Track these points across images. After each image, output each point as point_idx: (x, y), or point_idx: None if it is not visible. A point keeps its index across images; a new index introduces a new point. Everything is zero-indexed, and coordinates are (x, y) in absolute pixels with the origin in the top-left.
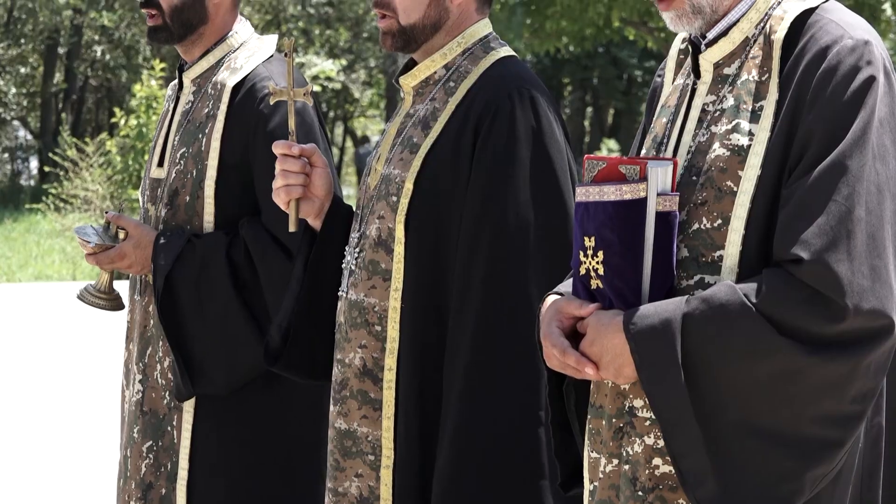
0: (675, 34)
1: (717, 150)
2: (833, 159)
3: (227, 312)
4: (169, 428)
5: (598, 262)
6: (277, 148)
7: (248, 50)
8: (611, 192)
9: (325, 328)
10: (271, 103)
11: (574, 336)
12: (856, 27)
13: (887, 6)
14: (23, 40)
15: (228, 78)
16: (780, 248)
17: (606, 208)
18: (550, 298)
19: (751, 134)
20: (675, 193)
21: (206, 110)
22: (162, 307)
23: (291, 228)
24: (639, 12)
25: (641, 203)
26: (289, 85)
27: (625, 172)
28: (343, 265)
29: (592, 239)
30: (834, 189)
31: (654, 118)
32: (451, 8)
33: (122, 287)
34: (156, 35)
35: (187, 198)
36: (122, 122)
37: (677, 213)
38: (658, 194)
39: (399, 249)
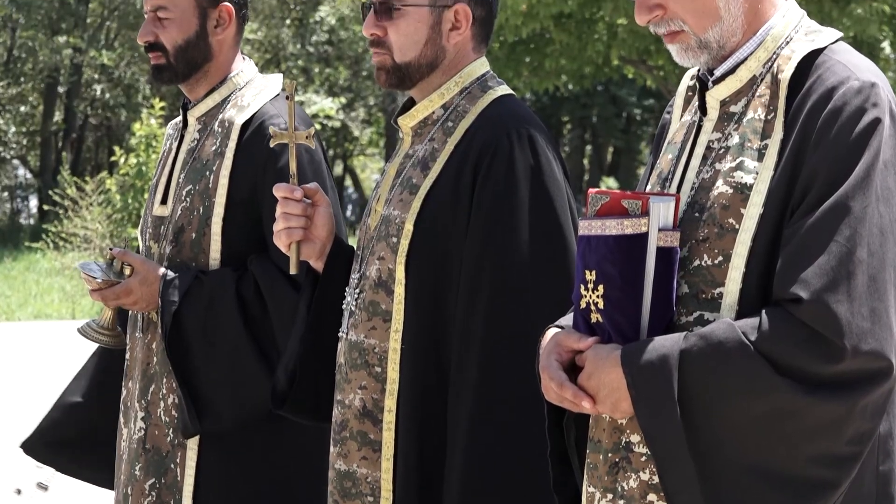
0: (675, 73)
1: (721, 187)
2: (836, 200)
3: (236, 348)
4: (172, 465)
5: (598, 296)
6: (279, 191)
7: (255, 88)
8: (612, 227)
9: (329, 369)
10: (272, 145)
11: (573, 369)
12: (863, 69)
13: (886, 45)
14: (23, 79)
15: (236, 116)
16: (780, 287)
17: (608, 242)
18: (550, 331)
19: (754, 172)
20: (677, 229)
21: (214, 148)
22: (170, 344)
23: (292, 271)
24: (638, 51)
25: (642, 238)
26: (290, 127)
27: (627, 207)
28: (343, 306)
29: (593, 273)
30: (836, 230)
31: (661, 154)
32: (448, 47)
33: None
34: (160, 75)
35: (193, 235)
36: (122, 160)
37: (678, 248)
38: (659, 230)
39: (399, 290)
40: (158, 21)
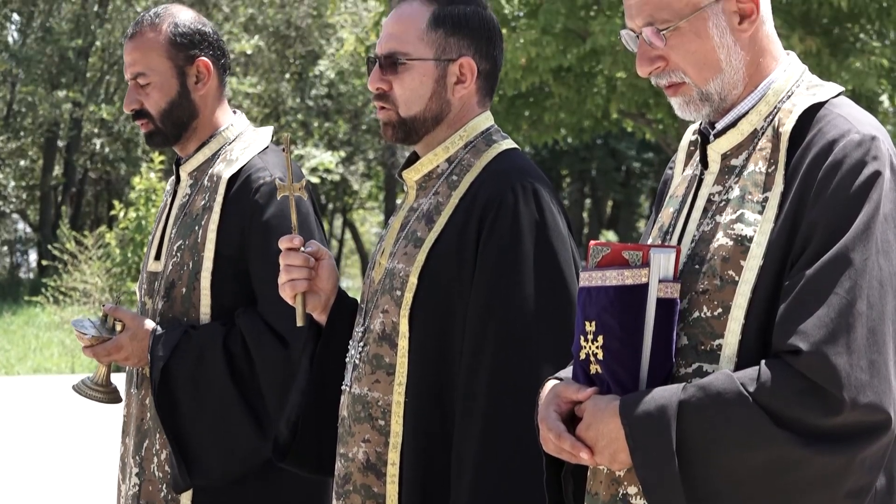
0: (674, 126)
1: (721, 239)
2: (836, 252)
3: (224, 403)
4: None
5: (597, 347)
6: (282, 243)
7: (244, 142)
8: (613, 277)
9: (331, 422)
10: (278, 197)
11: (572, 421)
12: (864, 122)
13: (884, 98)
14: (22, 133)
15: (224, 170)
16: (780, 338)
17: (608, 293)
18: (550, 383)
19: (755, 225)
20: (677, 281)
21: (203, 202)
22: (159, 399)
23: (299, 323)
24: (637, 104)
25: (643, 289)
26: (288, 179)
27: (628, 258)
28: (347, 359)
29: (593, 323)
30: (836, 282)
31: (663, 208)
32: (453, 101)
33: (118, 380)
34: (152, 140)
35: (184, 290)
36: (122, 214)
37: (678, 300)
38: (660, 281)
39: (403, 344)
40: (140, 88)
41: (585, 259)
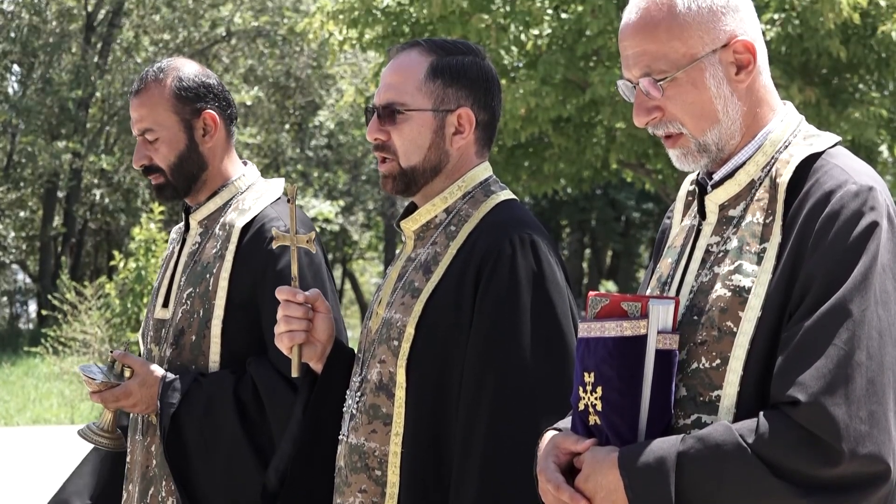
0: (673, 176)
1: (719, 290)
2: (834, 303)
3: (234, 451)
4: None
5: (596, 398)
6: (281, 294)
7: (256, 192)
8: (611, 328)
9: (323, 472)
10: (273, 247)
11: (571, 472)
12: (861, 173)
13: (883, 148)
14: (22, 184)
15: (237, 219)
16: (778, 389)
17: (607, 344)
18: (549, 434)
19: (753, 276)
20: (676, 332)
21: (214, 250)
22: (168, 446)
23: (294, 374)
24: (636, 154)
25: (641, 340)
26: (291, 230)
27: (626, 309)
28: (344, 409)
29: (592, 375)
30: (835, 333)
31: (661, 258)
32: (452, 151)
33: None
34: (162, 193)
35: (193, 337)
36: (121, 265)
37: (677, 351)
38: (659, 332)
39: (400, 394)
40: (148, 143)
41: (584, 310)
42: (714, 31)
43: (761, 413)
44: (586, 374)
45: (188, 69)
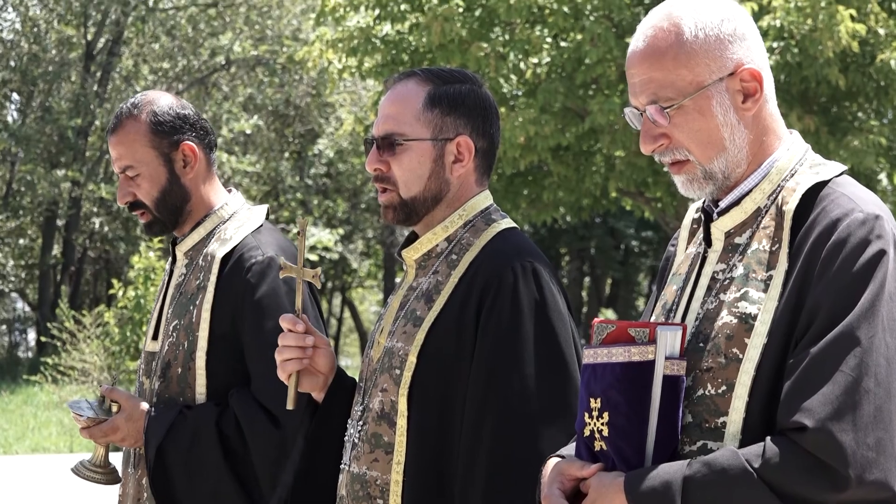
0: (673, 204)
1: (725, 317)
2: (842, 330)
3: (218, 484)
4: None
5: (602, 424)
6: (283, 321)
7: (238, 220)
8: (619, 354)
9: (324, 500)
10: (280, 277)
11: (576, 497)
12: (867, 201)
13: (882, 177)
14: (21, 212)
15: (218, 249)
16: (784, 416)
17: (614, 369)
18: (552, 460)
19: (759, 303)
20: (683, 358)
21: (197, 282)
22: (154, 479)
23: (289, 406)
24: (635, 182)
25: (649, 365)
26: (299, 262)
27: (634, 335)
28: (346, 438)
29: (598, 400)
30: (842, 359)
31: (665, 285)
32: (452, 180)
33: (116, 459)
34: (151, 229)
35: (179, 369)
36: (120, 293)
37: (684, 377)
38: (666, 358)
39: (402, 423)
40: (130, 180)
41: (587, 337)
42: (721, 59)
43: (767, 438)
44: (592, 400)
45: (162, 102)
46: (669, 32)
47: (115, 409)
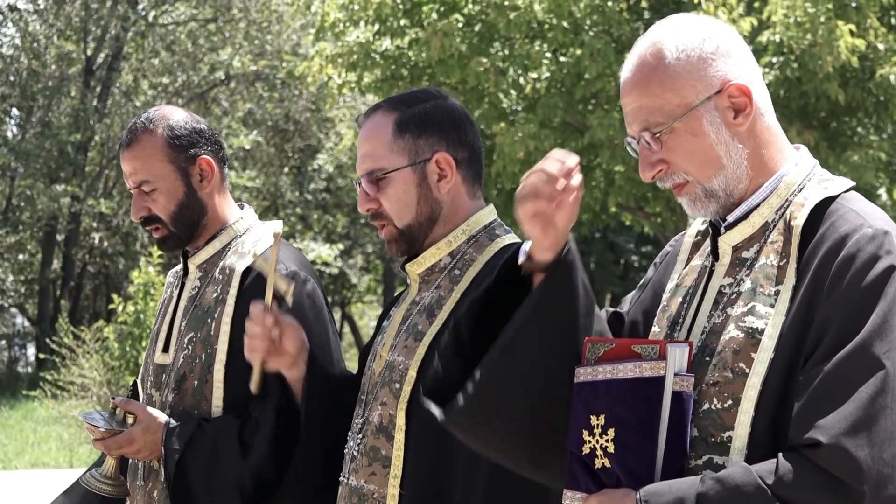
0: (672, 219)
1: (732, 331)
2: (854, 347)
3: (240, 496)
4: None
5: (607, 441)
6: (254, 310)
7: (255, 235)
8: (628, 370)
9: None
10: (254, 266)
11: None
12: (876, 217)
13: (882, 191)
14: (21, 227)
15: (237, 262)
16: (797, 432)
17: (622, 385)
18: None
19: (766, 318)
20: (690, 374)
21: (215, 294)
22: (174, 492)
23: (252, 388)
24: (635, 197)
25: (660, 381)
26: (271, 263)
27: (640, 352)
28: (345, 450)
29: (602, 417)
30: (856, 376)
31: (670, 297)
32: (442, 198)
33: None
34: (165, 244)
35: (195, 382)
36: (120, 308)
37: (692, 393)
38: (675, 374)
39: (399, 437)
40: (145, 195)
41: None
42: (706, 78)
43: (780, 455)
44: (594, 418)
45: (177, 116)
46: (653, 58)
47: (130, 420)
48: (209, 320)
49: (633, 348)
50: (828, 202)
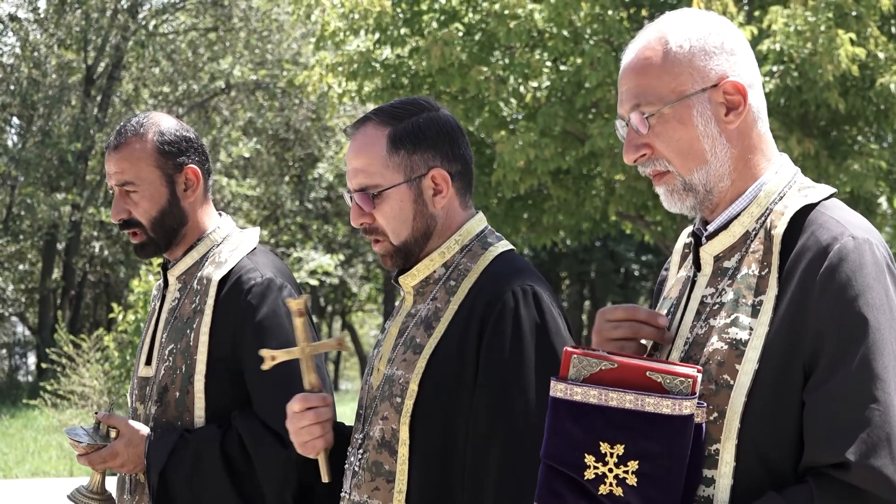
0: (673, 228)
1: (715, 343)
2: (857, 364)
3: None
4: None
5: (625, 472)
6: (297, 403)
7: (232, 243)
8: (664, 406)
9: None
10: (282, 360)
11: None
12: (856, 225)
13: (882, 200)
14: (21, 236)
15: (214, 272)
16: (818, 454)
17: (652, 420)
18: None
19: (749, 328)
20: (703, 403)
21: (193, 305)
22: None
23: (326, 479)
24: (635, 206)
25: (690, 420)
26: (300, 342)
27: (662, 382)
28: (346, 466)
29: (621, 447)
30: (863, 392)
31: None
32: (437, 213)
33: (110, 486)
34: (143, 251)
35: (177, 394)
36: (120, 317)
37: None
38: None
39: (403, 451)
40: (127, 196)
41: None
42: (704, 70)
43: (810, 479)
44: (603, 444)
45: (168, 123)
46: (657, 43)
47: (113, 434)
48: (188, 331)
49: (651, 377)
50: (808, 210)
